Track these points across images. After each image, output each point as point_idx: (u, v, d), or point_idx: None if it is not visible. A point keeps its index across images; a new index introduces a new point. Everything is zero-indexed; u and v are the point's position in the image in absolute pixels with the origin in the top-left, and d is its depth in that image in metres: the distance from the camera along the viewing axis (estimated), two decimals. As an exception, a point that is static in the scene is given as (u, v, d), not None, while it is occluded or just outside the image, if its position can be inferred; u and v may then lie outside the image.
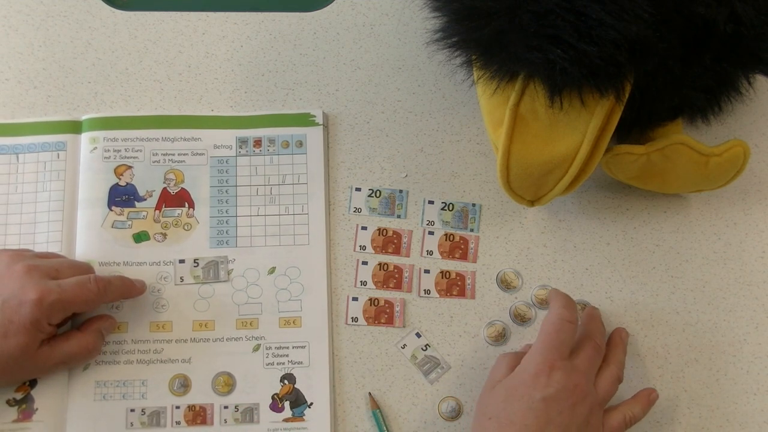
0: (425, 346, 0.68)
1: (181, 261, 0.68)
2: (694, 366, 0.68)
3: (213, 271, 0.68)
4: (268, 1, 0.78)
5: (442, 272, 0.69)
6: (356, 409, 0.66)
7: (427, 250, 0.70)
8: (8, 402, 0.64)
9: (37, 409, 0.64)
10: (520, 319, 0.68)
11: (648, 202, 0.72)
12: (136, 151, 0.71)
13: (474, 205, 0.71)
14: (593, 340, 0.62)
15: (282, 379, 0.66)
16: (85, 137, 0.71)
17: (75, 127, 0.71)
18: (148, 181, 0.70)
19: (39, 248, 0.68)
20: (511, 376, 0.60)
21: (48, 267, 0.62)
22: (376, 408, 0.66)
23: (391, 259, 0.70)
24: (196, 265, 0.68)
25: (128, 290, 0.66)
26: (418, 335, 0.68)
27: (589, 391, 0.59)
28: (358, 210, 0.71)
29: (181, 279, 0.68)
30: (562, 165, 0.60)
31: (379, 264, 0.70)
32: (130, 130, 0.71)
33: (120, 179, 0.70)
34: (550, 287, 0.68)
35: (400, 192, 0.71)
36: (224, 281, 0.68)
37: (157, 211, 0.70)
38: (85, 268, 0.65)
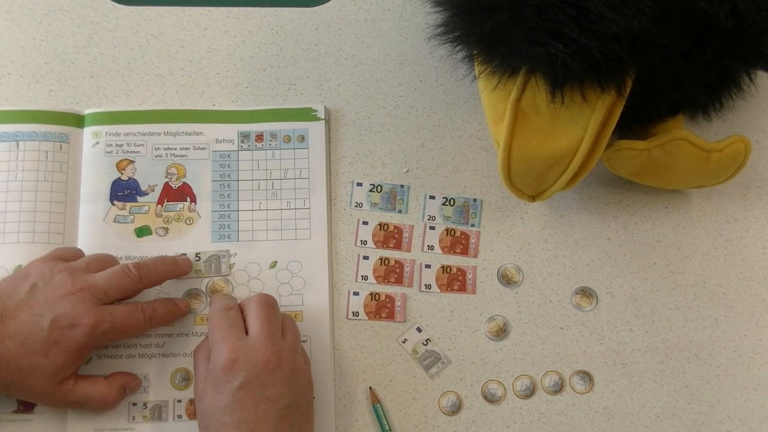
0: (426, 340, 0.68)
1: (183, 254, 0.69)
2: (694, 361, 0.68)
3: (215, 265, 0.69)
4: (270, -4, 0.78)
5: (443, 267, 0.70)
6: (357, 404, 0.66)
7: (428, 245, 0.70)
8: None
9: (38, 401, 0.64)
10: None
11: (649, 198, 0.72)
12: (138, 145, 0.71)
13: (475, 200, 0.71)
14: (253, 306, 0.62)
15: (283, 373, 0.66)
16: (87, 132, 0.71)
17: (77, 121, 0.71)
18: (150, 176, 0.70)
19: (39, 237, 0.67)
20: (208, 377, 0.59)
21: (98, 289, 0.60)
22: (376, 402, 0.66)
23: (392, 254, 0.70)
24: (197, 259, 0.69)
25: (172, 315, 0.66)
26: (419, 330, 0.68)
27: (276, 351, 0.59)
28: (359, 205, 0.71)
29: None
30: (564, 160, 0.60)
31: (380, 259, 0.70)
32: (132, 124, 0.71)
33: (122, 174, 0.70)
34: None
35: (402, 187, 0.72)
36: (226, 275, 0.68)
37: (159, 206, 0.70)
38: (130, 290, 0.63)
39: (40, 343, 0.58)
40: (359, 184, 0.72)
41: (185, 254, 0.69)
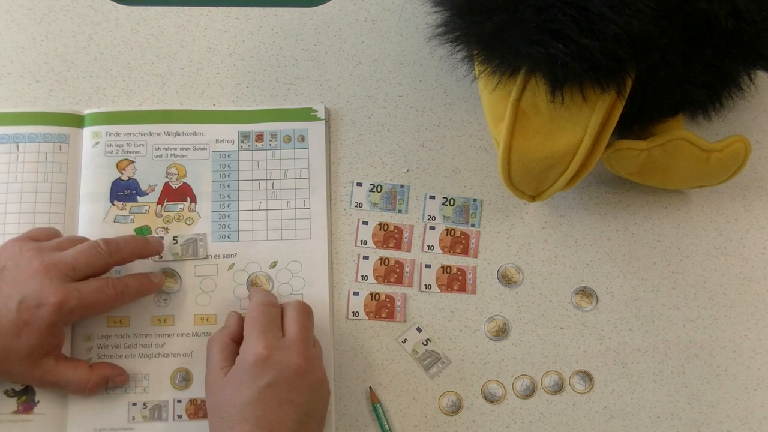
0: (426, 340, 0.68)
1: (161, 237, 0.69)
2: (694, 361, 0.68)
3: (192, 248, 0.69)
4: (270, -4, 0.78)
5: (443, 267, 0.70)
6: (357, 404, 0.66)
7: (428, 245, 0.70)
8: (7, 393, 0.64)
9: (38, 401, 0.64)
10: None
11: (649, 198, 0.72)
12: (138, 145, 0.71)
13: (475, 200, 0.71)
14: (292, 310, 0.62)
15: (283, 373, 0.66)
16: (87, 132, 0.71)
17: (77, 121, 0.71)
18: (150, 176, 0.70)
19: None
20: (233, 368, 0.59)
21: (65, 265, 0.60)
22: (376, 402, 0.66)
23: (392, 254, 0.70)
24: (175, 242, 0.69)
25: (145, 290, 0.65)
26: (419, 330, 0.68)
27: (308, 358, 0.59)
28: (359, 205, 0.71)
29: (160, 257, 0.68)
30: (564, 160, 0.60)
31: (380, 259, 0.70)
32: (132, 124, 0.71)
33: (122, 174, 0.70)
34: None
35: (402, 187, 0.72)
36: (203, 257, 0.68)
37: (159, 206, 0.70)
38: (100, 266, 0.63)
39: (10, 325, 0.58)
40: (359, 184, 0.72)
41: (162, 237, 0.69)
